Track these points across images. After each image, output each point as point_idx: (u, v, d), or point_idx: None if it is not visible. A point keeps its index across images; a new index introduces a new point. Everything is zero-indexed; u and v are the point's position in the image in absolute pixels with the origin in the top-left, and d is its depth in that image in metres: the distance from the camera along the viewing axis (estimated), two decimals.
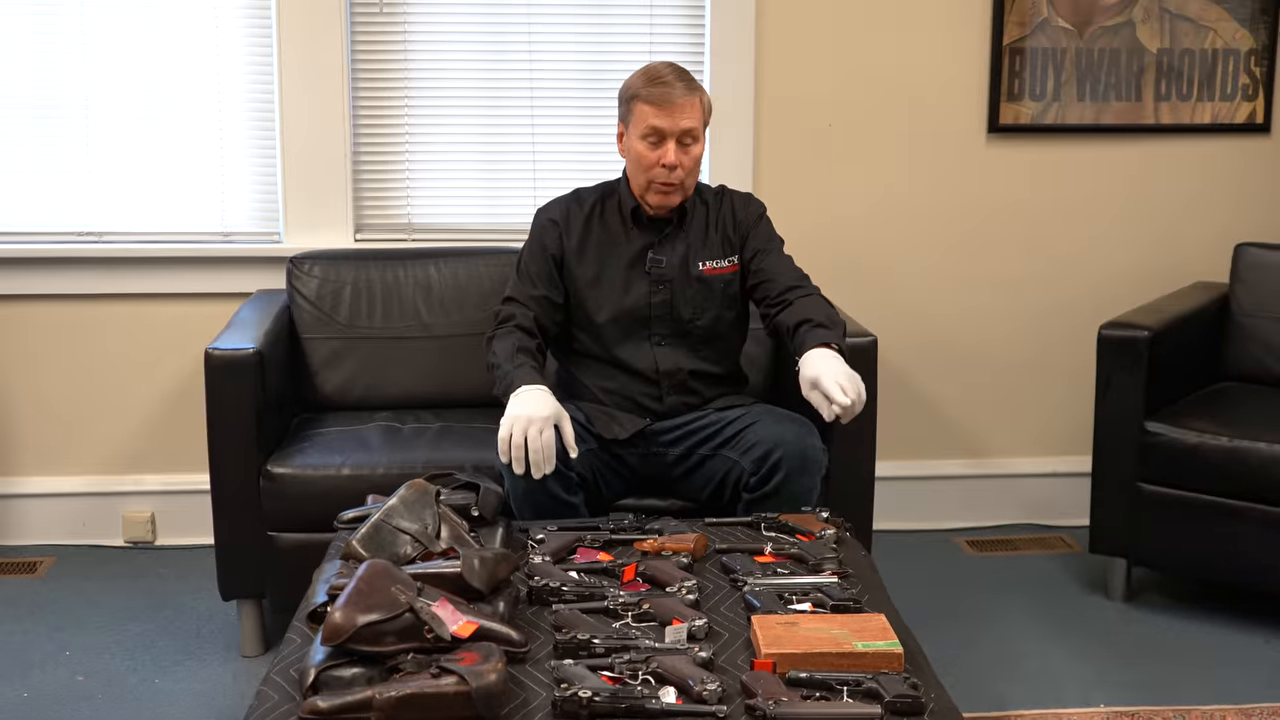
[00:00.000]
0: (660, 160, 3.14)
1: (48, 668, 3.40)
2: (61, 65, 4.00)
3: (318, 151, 4.03)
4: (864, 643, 2.27)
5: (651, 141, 3.15)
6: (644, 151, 3.16)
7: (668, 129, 3.13)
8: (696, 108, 3.16)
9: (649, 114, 3.14)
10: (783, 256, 3.29)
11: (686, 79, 3.17)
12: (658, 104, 3.13)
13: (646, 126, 3.14)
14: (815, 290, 3.21)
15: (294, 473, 3.37)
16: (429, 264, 3.89)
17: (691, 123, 3.14)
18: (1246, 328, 3.99)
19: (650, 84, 3.15)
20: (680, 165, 3.15)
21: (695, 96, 3.16)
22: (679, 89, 3.14)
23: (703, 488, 3.22)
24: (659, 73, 3.17)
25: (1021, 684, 3.32)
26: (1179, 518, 3.62)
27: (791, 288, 3.19)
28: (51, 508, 4.16)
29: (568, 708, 2.11)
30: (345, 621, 2.18)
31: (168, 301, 4.09)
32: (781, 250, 3.31)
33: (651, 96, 3.14)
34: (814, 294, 3.19)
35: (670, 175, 3.15)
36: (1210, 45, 4.19)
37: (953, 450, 4.37)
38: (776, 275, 3.23)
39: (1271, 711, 3.18)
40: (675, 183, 3.17)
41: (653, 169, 3.16)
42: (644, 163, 3.17)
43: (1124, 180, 4.27)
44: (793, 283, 3.21)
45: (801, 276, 3.24)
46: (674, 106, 3.13)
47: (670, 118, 3.13)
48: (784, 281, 3.21)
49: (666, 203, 3.22)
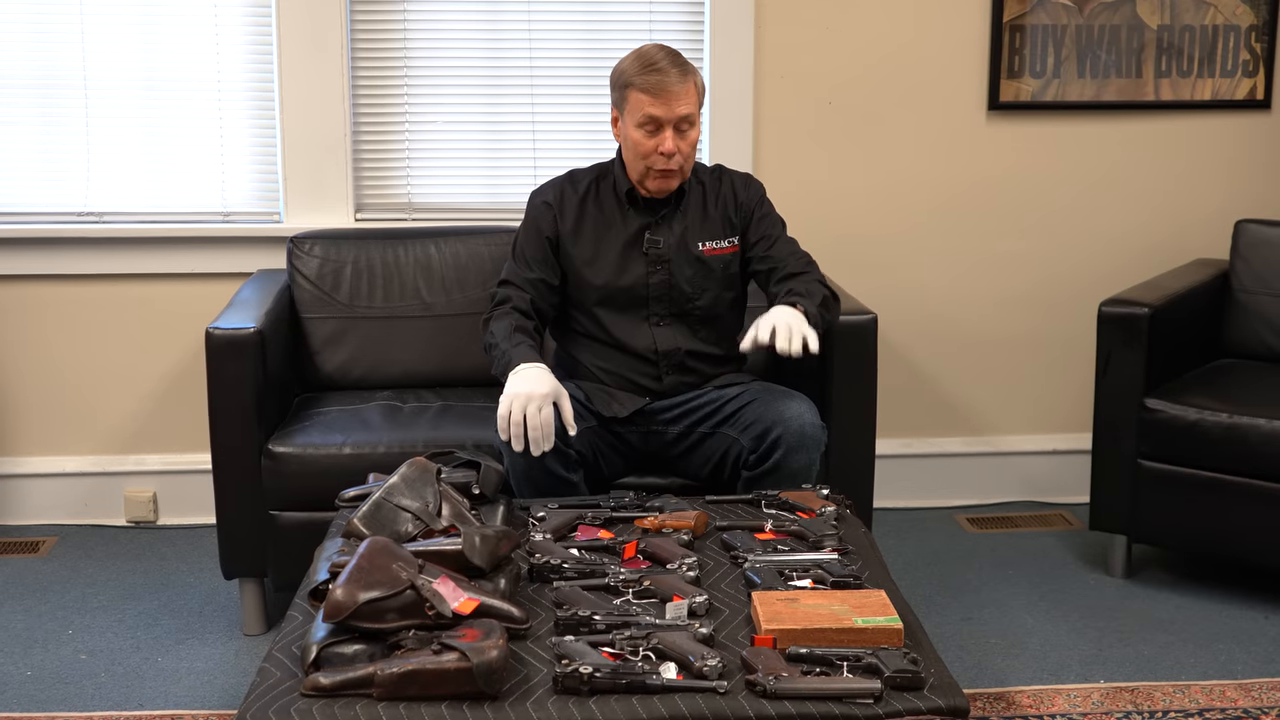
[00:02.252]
0: (658, 148, 3.12)
1: (50, 647, 3.41)
2: (60, 45, 3.99)
3: (318, 131, 4.02)
4: (864, 618, 2.27)
5: (649, 130, 3.13)
6: (641, 139, 3.14)
7: (664, 117, 3.11)
8: (692, 92, 3.13)
9: (645, 103, 3.11)
10: (787, 241, 3.29)
11: (680, 63, 3.13)
12: (653, 92, 3.10)
13: (643, 115, 3.12)
14: (814, 270, 3.22)
15: (295, 452, 3.37)
16: (429, 243, 3.89)
17: (688, 109, 3.12)
18: (1246, 304, 3.99)
19: (644, 71, 3.11)
20: (679, 151, 3.14)
21: (690, 81, 3.13)
22: (674, 75, 3.10)
23: (702, 466, 3.23)
24: (652, 58, 3.13)
25: (1021, 660, 3.33)
26: (1179, 494, 3.62)
27: (796, 274, 3.19)
28: (53, 487, 4.17)
29: (569, 684, 2.12)
30: (347, 599, 2.18)
31: (168, 282, 4.09)
32: (785, 233, 3.31)
33: (647, 85, 3.10)
34: (810, 273, 3.20)
35: (669, 162, 3.14)
36: (1211, 21, 4.17)
37: (953, 428, 4.37)
38: (781, 262, 3.24)
39: (1271, 686, 3.19)
40: (674, 169, 3.16)
41: (650, 156, 3.14)
42: (641, 150, 3.15)
43: (1124, 157, 4.26)
44: (797, 269, 3.21)
45: (807, 261, 3.25)
46: (670, 94, 3.10)
47: (667, 105, 3.10)
48: (789, 267, 3.22)
49: (666, 187, 3.21)
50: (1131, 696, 3.15)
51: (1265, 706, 3.10)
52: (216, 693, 3.19)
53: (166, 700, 3.15)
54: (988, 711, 3.07)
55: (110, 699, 3.16)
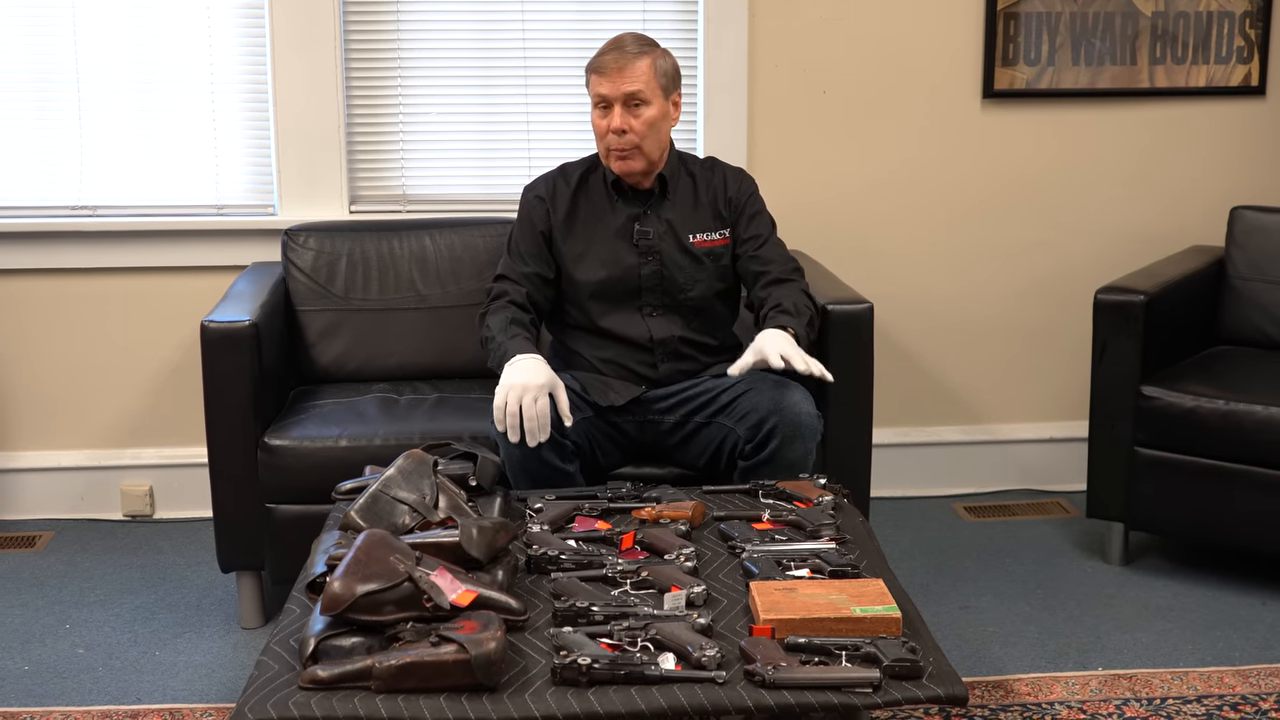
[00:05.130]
0: (610, 127, 3.17)
1: (48, 641, 3.41)
2: (53, 38, 3.98)
3: (311, 123, 4.01)
4: (862, 608, 2.27)
5: (602, 109, 3.20)
6: (596, 120, 3.23)
7: (610, 95, 3.17)
8: (643, 70, 3.17)
9: (595, 82, 3.20)
10: (776, 243, 3.33)
11: (639, 43, 3.21)
12: (601, 71, 3.19)
13: (594, 95, 3.21)
14: (799, 279, 3.26)
15: (291, 444, 3.37)
16: (424, 235, 3.89)
17: (636, 85, 3.16)
18: (1242, 291, 3.99)
19: (600, 53, 3.21)
20: (629, 129, 3.17)
21: (645, 59, 3.18)
22: (625, 54, 3.17)
23: (699, 455, 3.23)
24: (613, 41, 3.23)
25: (1019, 648, 3.33)
26: (1175, 481, 3.62)
27: (779, 280, 3.23)
28: (50, 482, 4.16)
29: (567, 675, 2.12)
30: (344, 591, 2.18)
31: (163, 275, 4.08)
32: (775, 235, 3.34)
33: (597, 65, 3.20)
34: (796, 282, 3.23)
35: (621, 140, 3.18)
36: (1205, 7, 4.17)
37: (950, 416, 4.37)
38: (768, 264, 3.28)
39: (1269, 672, 3.19)
40: (627, 146, 3.19)
41: (605, 136, 3.20)
42: (598, 131, 3.23)
43: (1119, 144, 4.25)
44: (781, 274, 3.25)
45: (792, 267, 3.29)
46: (615, 71, 3.16)
47: (611, 83, 3.17)
48: (775, 273, 3.26)
49: (628, 168, 3.23)
50: (1129, 684, 3.15)
51: (1263, 693, 3.10)
52: (214, 686, 3.19)
53: (164, 694, 3.15)
54: (986, 700, 3.07)
55: (108, 693, 3.16)
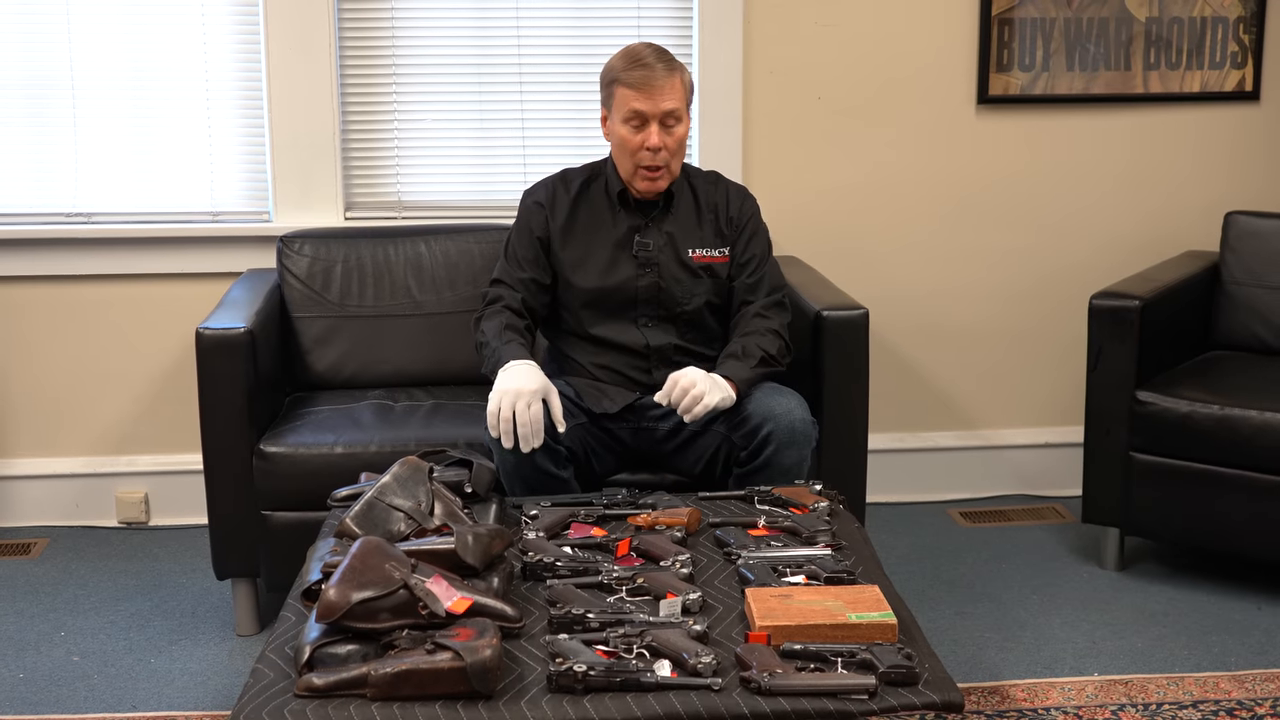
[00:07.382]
0: (644, 144, 3.14)
1: (43, 649, 3.40)
2: (48, 45, 3.98)
3: (306, 130, 4.01)
4: (858, 614, 2.27)
5: (634, 125, 3.15)
6: (627, 135, 3.16)
7: (649, 111, 3.13)
8: (678, 87, 3.15)
9: (630, 97, 3.13)
10: (769, 268, 3.31)
11: (666, 59, 3.16)
12: (638, 87, 3.12)
13: (628, 110, 3.14)
14: (775, 315, 3.24)
15: (287, 451, 3.37)
16: (419, 242, 3.88)
17: (673, 103, 3.14)
18: (1237, 296, 4.00)
19: (630, 67, 3.14)
20: (665, 147, 3.15)
21: (676, 76, 3.15)
22: (659, 70, 3.13)
23: (694, 462, 3.23)
24: (638, 54, 3.16)
25: (1015, 653, 3.33)
26: (1171, 487, 3.63)
27: (758, 315, 3.23)
28: (45, 489, 4.16)
29: (563, 682, 2.11)
30: (339, 599, 2.18)
31: (158, 282, 4.08)
32: (769, 254, 3.34)
33: (631, 80, 3.13)
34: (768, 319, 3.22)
35: (655, 158, 3.15)
36: (1199, 13, 4.18)
37: (945, 422, 4.37)
38: (753, 293, 3.27)
39: (1265, 678, 3.19)
40: (661, 165, 3.17)
41: (638, 153, 3.16)
42: (628, 147, 3.17)
43: (1113, 150, 4.26)
44: (761, 310, 3.24)
45: (774, 300, 3.27)
46: (654, 89, 3.12)
47: (651, 100, 3.12)
48: (756, 306, 3.25)
49: (653, 188, 3.22)
50: (1125, 689, 3.15)
51: (1259, 698, 3.10)
52: (209, 694, 3.18)
53: (159, 702, 3.15)
54: (982, 705, 3.07)
55: (103, 701, 3.15)
